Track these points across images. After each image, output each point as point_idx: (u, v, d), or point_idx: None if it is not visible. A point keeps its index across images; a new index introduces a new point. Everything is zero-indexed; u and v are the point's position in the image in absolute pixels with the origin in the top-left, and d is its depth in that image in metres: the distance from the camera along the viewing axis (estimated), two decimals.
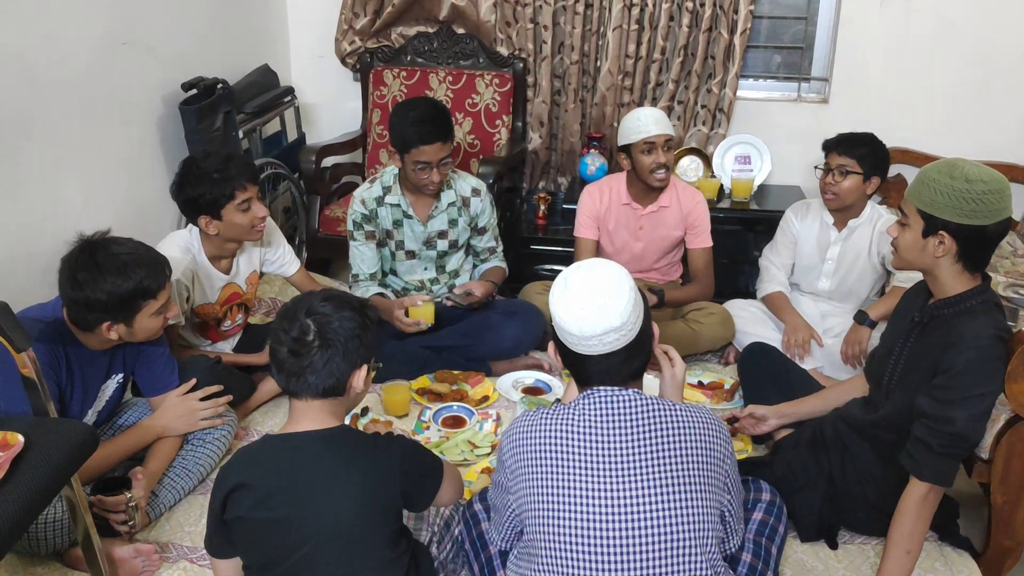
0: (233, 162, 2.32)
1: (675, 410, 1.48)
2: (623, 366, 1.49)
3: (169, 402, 2.15)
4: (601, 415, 1.46)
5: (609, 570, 1.40)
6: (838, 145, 2.66)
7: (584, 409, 1.47)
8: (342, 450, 1.48)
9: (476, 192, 2.83)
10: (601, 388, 1.48)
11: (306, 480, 1.45)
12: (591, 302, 1.45)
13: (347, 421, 1.75)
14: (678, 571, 1.40)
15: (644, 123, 2.72)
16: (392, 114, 2.67)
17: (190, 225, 2.43)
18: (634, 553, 1.40)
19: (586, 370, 1.50)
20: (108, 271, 1.84)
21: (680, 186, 2.93)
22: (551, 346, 1.57)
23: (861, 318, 2.62)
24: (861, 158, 2.63)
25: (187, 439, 2.20)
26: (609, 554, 1.40)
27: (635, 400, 1.47)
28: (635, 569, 1.40)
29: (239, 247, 2.48)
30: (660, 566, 1.40)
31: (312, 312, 1.47)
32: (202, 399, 2.18)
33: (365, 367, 1.52)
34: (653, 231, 2.93)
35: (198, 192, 2.26)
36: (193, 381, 2.19)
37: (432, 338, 2.76)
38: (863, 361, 2.55)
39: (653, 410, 1.46)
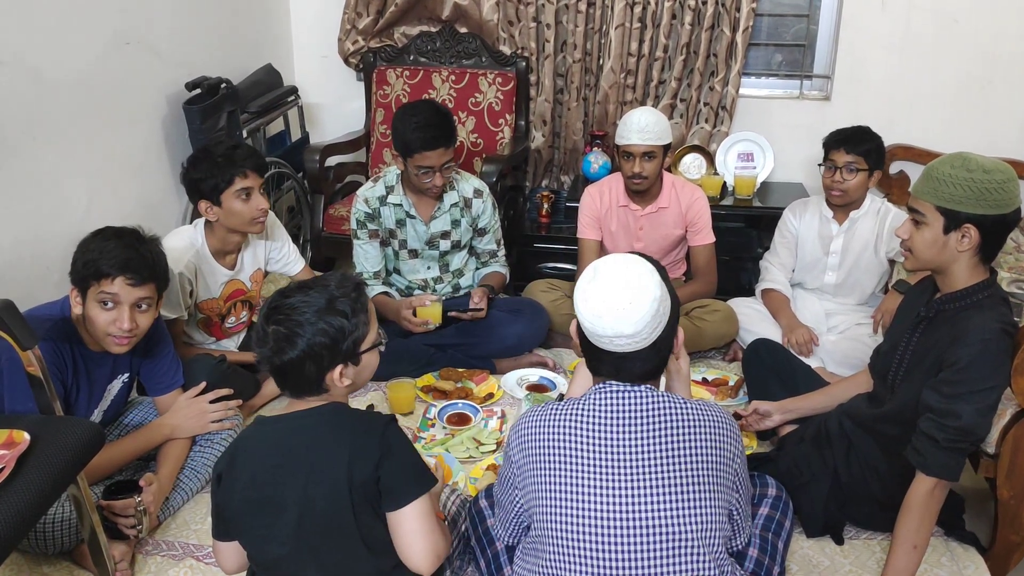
0: (240, 149, 2.36)
1: (687, 407, 1.47)
2: (636, 365, 1.48)
3: (179, 404, 2.15)
4: (612, 411, 1.45)
5: (615, 566, 1.40)
6: (844, 143, 2.65)
7: (595, 404, 1.47)
8: (331, 424, 1.45)
9: (478, 193, 2.83)
10: (613, 383, 1.48)
11: (295, 457, 1.42)
12: (611, 304, 1.42)
13: None
14: (683, 569, 1.40)
15: (628, 129, 2.72)
16: (395, 117, 2.66)
17: (195, 221, 2.45)
18: (640, 550, 1.40)
19: (600, 360, 1.50)
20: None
21: (679, 184, 2.93)
22: (573, 325, 1.55)
23: (902, 287, 2.57)
24: (867, 154, 2.63)
25: (195, 440, 2.20)
26: (616, 550, 1.40)
27: (647, 396, 1.46)
28: (641, 565, 1.40)
29: (242, 240, 2.49)
30: (665, 563, 1.40)
31: (276, 321, 1.42)
32: (212, 401, 2.18)
33: (339, 368, 1.44)
34: (653, 231, 2.92)
35: (200, 175, 2.31)
36: (203, 384, 2.19)
37: (437, 336, 2.76)
38: None
39: (665, 407, 1.46)
